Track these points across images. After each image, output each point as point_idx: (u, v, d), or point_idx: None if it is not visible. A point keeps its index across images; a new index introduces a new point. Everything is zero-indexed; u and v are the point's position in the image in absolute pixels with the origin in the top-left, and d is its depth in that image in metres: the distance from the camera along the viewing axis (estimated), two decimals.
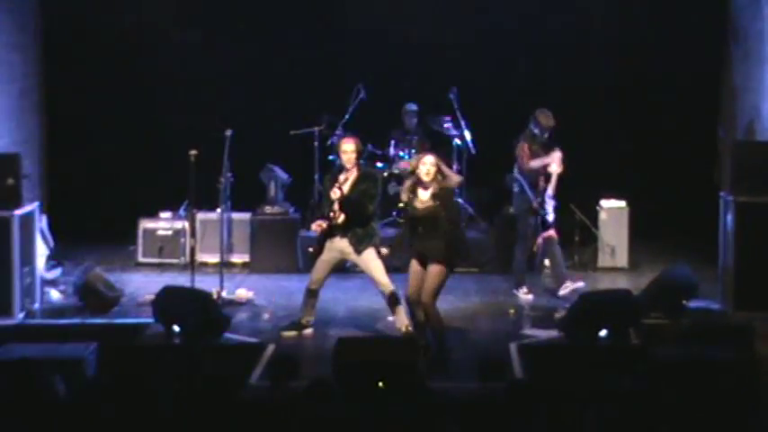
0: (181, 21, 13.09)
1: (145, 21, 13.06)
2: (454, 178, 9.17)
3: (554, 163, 10.54)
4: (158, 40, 13.03)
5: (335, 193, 9.22)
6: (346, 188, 9.26)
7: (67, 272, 11.15)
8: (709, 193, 11.18)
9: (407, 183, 8.95)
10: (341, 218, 9.25)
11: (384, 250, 9.35)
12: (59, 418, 6.00)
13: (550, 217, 10.72)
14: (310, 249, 9.55)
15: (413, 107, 12.58)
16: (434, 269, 8.77)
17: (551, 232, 10.75)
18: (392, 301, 9.31)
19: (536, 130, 10.64)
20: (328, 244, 9.37)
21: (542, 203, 10.64)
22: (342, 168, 9.46)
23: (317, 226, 9.39)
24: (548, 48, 12.91)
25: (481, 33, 12.93)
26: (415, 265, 8.91)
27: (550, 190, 10.65)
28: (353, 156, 9.35)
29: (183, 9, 13.10)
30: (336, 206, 9.23)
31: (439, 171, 8.81)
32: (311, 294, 9.55)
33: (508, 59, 12.96)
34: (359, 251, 9.31)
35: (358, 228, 9.28)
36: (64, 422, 5.96)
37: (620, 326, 8.97)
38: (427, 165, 8.79)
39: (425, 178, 8.78)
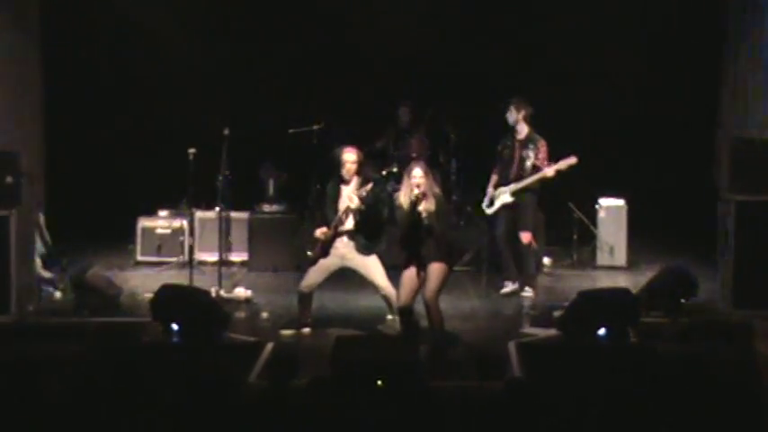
0: (181, 20, 13.09)
1: (145, 19, 13.05)
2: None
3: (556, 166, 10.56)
4: (158, 39, 13.02)
5: (353, 202, 9.19)
6: (354, 191, 9.24)
7: (66, 270, 11.13)
8: (708, 192, 11.18)
9: (403, 194, 8.88)
10: (348, 223, 9.25)
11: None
12: (57, 417, 5.99)
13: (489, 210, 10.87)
14: (309, 253, 9.52)
15: (408, 105, 12.54)
16: (435, 267, 8.74)
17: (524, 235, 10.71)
18: (393, 304, 9.30)
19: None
20: (332, 249, 9.39)
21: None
22: (342, 178, 9.44)
23: (322, 233, 9.40)
24: (548, 47, 12.90)
25: (479, 31, 12.94)
26: (408, 272, 8.83)
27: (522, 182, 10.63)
28: (354, 167, 9.35)
29: (184, 8, 13.10)
30: (350, 214, 9.23)
31: (428, 179, 8.77)
32: (304, 298, 9.53)
33: (507, 58, 12.95)
34: (365, 255, 9.32)
35: (369, 232, 9.30)
36: (61, 422, 5.96)
37: (619, 324, 8.96)
38: (416, 178, 8.72)
39: (417, 190, 8.70)
